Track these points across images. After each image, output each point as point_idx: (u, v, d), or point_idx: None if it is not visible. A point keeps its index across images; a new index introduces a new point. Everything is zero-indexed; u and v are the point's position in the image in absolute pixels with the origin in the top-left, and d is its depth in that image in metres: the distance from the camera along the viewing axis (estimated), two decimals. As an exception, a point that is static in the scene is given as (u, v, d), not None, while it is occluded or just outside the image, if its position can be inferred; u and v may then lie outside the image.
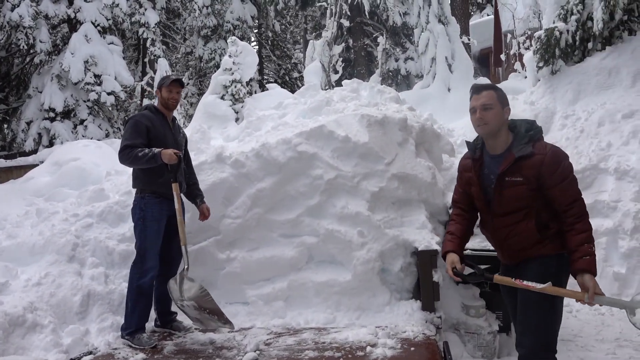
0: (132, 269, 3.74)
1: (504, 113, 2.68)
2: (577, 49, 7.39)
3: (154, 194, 3.78)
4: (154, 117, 3.87)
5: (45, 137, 12.99)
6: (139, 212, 3.76)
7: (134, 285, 3.67)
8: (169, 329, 3.94)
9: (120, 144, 3.78)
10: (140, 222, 3.75)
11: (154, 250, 3.72)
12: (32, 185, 6.47)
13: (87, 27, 13.26)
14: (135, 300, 3.65)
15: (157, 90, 4.04)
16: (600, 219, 5.53)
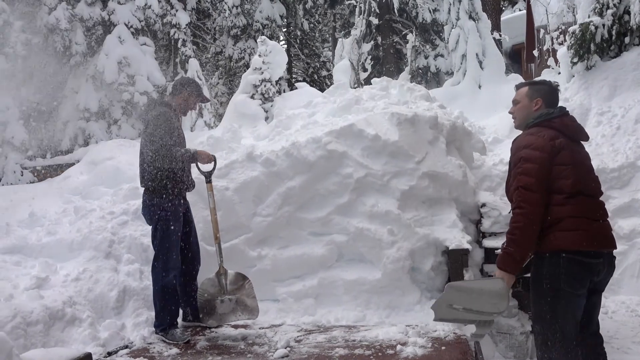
0: (154, 269, 3.77)
1: (533, 105, 2.71)
2: (613, 43, 7.19)
3: (172, 193, 3.78)
4: (173, 116, 3.87)
5: (81, 137, 13.30)
6: (162, 212, 3.75)
7: (159, 285, 3.73)
8: (199, 322, 4.00)
9: (153, 141, 3.68)
10: (163, 223, 3.75)
11: (176, 250, 3.78)
12: (69, 183, 6.64)
13: (121, 28, 13.52)
14: (162, 299, 3.73)
15: (183, 92, 3.94)
16: (638, 218, 5.39)
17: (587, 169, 2.63)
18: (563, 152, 2.51)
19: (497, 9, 13.90)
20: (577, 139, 2.68)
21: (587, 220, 2.45)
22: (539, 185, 2.45)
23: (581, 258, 2.42)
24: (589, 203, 2.51)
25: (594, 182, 2.61)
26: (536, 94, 2.74)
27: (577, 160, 2.55)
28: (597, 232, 2.46)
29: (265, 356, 3.28)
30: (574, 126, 2.67)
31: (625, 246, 5.36)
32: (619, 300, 5.12)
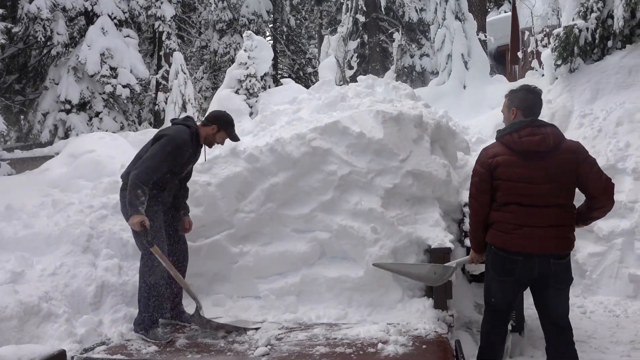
0: (141, 267, 3.68)
1: (511, 115, 3.05)
2: (596, 47, 7.29)
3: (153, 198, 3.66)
4: (191, 145, 3.72)
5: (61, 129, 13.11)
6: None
7: (145, 280, 3.63)
8: (179, 320, 3.95)
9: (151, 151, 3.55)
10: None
11: (162, 245, 3.66)
12: (47, 176, 6.53)
13: (104, 19, 13.35)
14: (147, 296, 3.62)
15: (215, 126, 3.83)
16: (617, 220, 5.47)
17: (532, 181, 2.84)
18: (499, 168, 2.90)
19: (483, 10, 13.99)
20: (529, 151, 2.86)
21: (512, 226, 2.87)
22: (478, 195, 3.01)
23: (502, 254, 2.94)
24: (521, 211, 2.85)
25: (539, 193, 2.83)
26: (512, 104, 3.06)
27: (512, 176, 2.86)
28: (520, 237, 2.85)
29: (245, 354, 3.24)
30: (521, 141, 2.87)
31: (604, 247, 5.45)
32: (597, 300, 5.20)
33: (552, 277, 2.88)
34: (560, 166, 2.84)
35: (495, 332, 3.15)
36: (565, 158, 2.86)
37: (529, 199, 2.83)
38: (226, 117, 3.94)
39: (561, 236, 2.86)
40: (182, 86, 13.71)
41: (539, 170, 2.83)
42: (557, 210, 2.85)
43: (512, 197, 2.86)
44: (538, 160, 2.84)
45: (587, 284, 5.44)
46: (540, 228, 2.82)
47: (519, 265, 2.88)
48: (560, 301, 2.97)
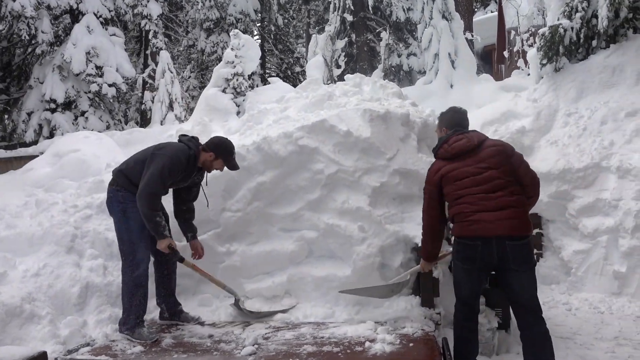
0: (123, 265, 3.65)
1: (441, 133, 3.55)
2: (581, 46, 7.34)
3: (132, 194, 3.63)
4: (188, 166, 3.70)
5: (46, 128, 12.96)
6: (118, 205, 3.65)
7: (128, 279, 3.60)
8: (177, 320, 3.92)
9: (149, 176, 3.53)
10: (121, 215, 3.63)
11: (143, 242, 3.64)
12: (31, 176, 6.46)
13: (89, 18, 13.21)
14: (131, 294, 3.59)
15: (213, 154, 3.79)
16: (602, 217, 5.52)
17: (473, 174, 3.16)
18: (444, 178, 3.25)
19: (470, 9, 14.07)
20: (460, 154, 3.25)
21: (468, 214, 3.11)
22: (429, 210, 3.36)
23: (463, 241, 3.15)
24: (472, 200, 3.12)
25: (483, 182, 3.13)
26: (442, 124, 3.57)
27: (456, 177, 3.21)
28: (475, 222, 3.07)
29: (232, 354, 3.23)
30: (451, 147, 3.29)
31: (589, 245, 5.49)
32: (582, 297, 5.24)
33: (511, 259, 3.03)
34: (491, 156, 3.19)
35: (467, 325, 3.27)
36: (493, 149, 3.23)
37: (477, 188, 3.12)
38: (225, 146, 3.86)
39: (514, 217, 3.05)
40: (169, 85, 13.62)
41: (475, 163, 3.19)
42: (504, 193, 3.11)
43: (463, 192, 3.16)
44: (471, 158, 3.22)
45: (572, 281, 5.48)
46: (493, 212, 3.05)
47: (479, 250, 3.06)
48: (522, 283, 3.08)
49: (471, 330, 3.29)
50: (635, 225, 5.19)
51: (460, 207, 3.15)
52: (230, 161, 3.86)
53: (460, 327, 3.29)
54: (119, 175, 3.75)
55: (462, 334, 3.28)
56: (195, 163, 3.78)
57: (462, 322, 3.28)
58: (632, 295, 5.07)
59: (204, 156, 3.80)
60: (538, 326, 3.07)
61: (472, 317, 3.30)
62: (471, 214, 3.08)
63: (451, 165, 3.25)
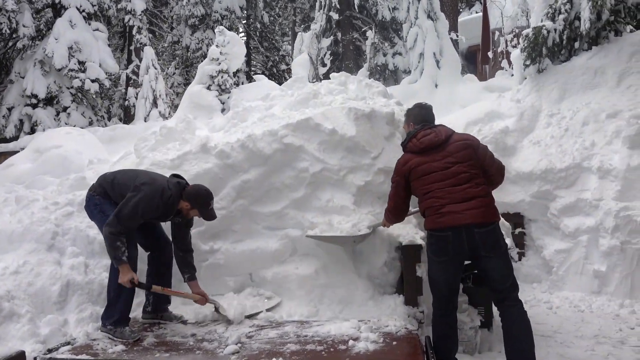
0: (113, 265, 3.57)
1: (409, 128, 3.66)
2: (564, 48, 7.42)
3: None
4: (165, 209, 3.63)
5: (27, 124, 12.77)
6: (95, 207, 3.65)
7: (116, 274, 3.53)
8: (159, 318, 3.88)
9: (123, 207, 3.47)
10: (101, 215, 3.59)
11: (131, 241, 3.60)
12: (12, 172, 6.36)
13: (72, 12, 13.04)
14: (118, 290, 3.54)
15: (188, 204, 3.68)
16: (582, 217, 5.59)
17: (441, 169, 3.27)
18: (412, 171, 3.35)
19: (455, 10, 14.16)
20: (429, 147, 3.34)
21: (437, 207, 3.22)
22: (393, 196, 3.54)
23: (435, 233, 3.25)
24: (441, 194, 3.22)
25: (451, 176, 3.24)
26: (409, 119, 3.68)
27: (424, 172, 3.31)
28: (445, 214, 3.18)
29: (215, 352, 3.21)
30: (420, 142, 3.37)
31: (570, 244, 5.56)
32: (563, 296, 5.31)
33: (481, 246, 3.14)
34: (457, 149, 3.30)
35: (446, 322, 3.32)
36: (459, 144, 3.33)
37: (444, 182, 3.23)
38: (201, 198, 3.74)
39: (480, 206, 3.17)
40: (153, 81, 13.50)
41: (443, 158, 3.29)
42: (469, 185, 3.22)
43: (431, 186, 3.27)
44: (439, 152, 3.32)
45: (553, 280, 5.55)
46: (461, 203, 3.17)
47: (449, 240, 3.16)
48: (494, 267, 3.20)
49: (450, 327, 3.33)
50: (615, 225, 5.27)
51: (430, 201, 3.26)
52: (205, 212, 3.73)
53: (439, 324, 3.34)
54: (102, 185, 3.73)
55: (441, 330, 3.33)
56: (174, 207, 3.69)
57: (439, 319, 3.33)
58: (611, 294, 5.15)
59: (181, 204, 3.72)
60: (513, 305, 3.19)
61: (449, 313, 3.34)
62: (440, 207, 3.20)
63: (419, 159, 3.35)
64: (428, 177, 3.29)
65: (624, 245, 5.18)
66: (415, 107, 3.73)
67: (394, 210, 3.60)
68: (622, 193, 5.47)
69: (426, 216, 3.33)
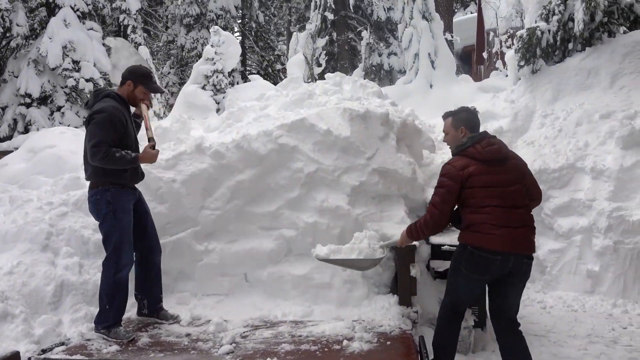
0: (106, 265, 3.55)
1: (459, 134, 3.32)
2: (557, 49, 7.47)
3: (118, 185, 3.57)
4: (123, 110, 3.58)
5: (21, 123, 12.71)
6: (107, 206, 3.52)
7: (110, 280, 3.52)
8: (155, 317, 3.87)
9: (89, 138, 3.40)
10: (111, 216, 3.53)
11: (129, 244, 3.60)
12: (5, 172, 6.33)
13: (66, 11, 12.98)
14: (111, 294, 3.52)
15: (130, 82, 3.65)
16: (576, 217, 5.63)
17: (503, 185, 3.07)
18: (472, 177, 3.07)
19: (450, 10, 14.19)
20: (492, 160, 3.13)
21: (491, 226, 2.99)
22: (441, 205, 3.13)
23: (479, 253, 3.02)
24: (499, 212, 3.01)
25: (509, 195, 3.05)
26: (460, 123, 3.34)
27: (486, 182, 3.07)
28: (499, 236, 2.98)
29: (209, 352, 3.21)
30: (485, 151, 3.14)
31: (564, 244, 5.60)
32: (557, 295, 5.34)
33: (520, 275, 3.08)
34: (516, 170, 3.16)
35: (454, 329, 3.25)
36: (516, 163, 3.20)
37: (504, 201, 3.03)
38: (140, 70, 3.72)
39: (531, 235, 3.09)
40: (147, 81, 13.44)
41: (504, 174, 3.10)
42: (525, 211, 3.10)
43: (489, 201, 3.03)
44: (500, 166, 3.12)
45: (547, 280, 5.58)
46: (518, 228, 3.01)
47: (496, 264, 3.00)
48: (518, 297, 3.18)
49: (455, 334, 3.26)
50: (608, 225, 5.30)
51: (484, 216, 3.02)
52: (150, 84, 3.67)
53: (446, 329, 3.25)
54: (96, 174, 3.56)
55: (446, 336, 3.25)
56: (125, 104, 3.63)
57: (449, 325, 3.24)
58: (604, 293, 5.18)
59: (122, 91, 3.63)
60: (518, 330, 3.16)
61: (459, 321, 3.28)
62: (497, 227, 2.98)
63: (480, 167, 3.10)
64: (489, 190, 3.05)
65: (617, 245, 5.22)
66: (464, 111, 3.42)
67: (438, 222, 3.18)
68: (615, 193, 5.51)
69: (472, 230, 3.07)
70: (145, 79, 3.69)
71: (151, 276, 3.87)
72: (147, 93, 3.73)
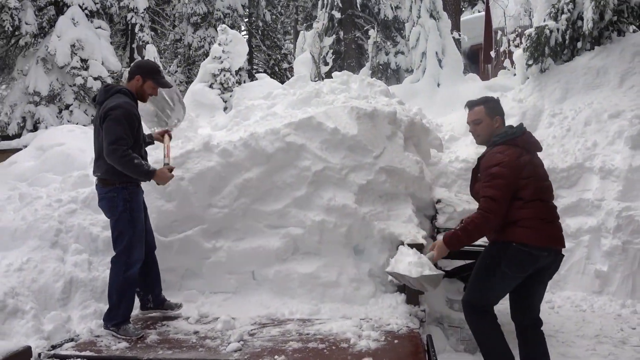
0: (116, 263, 3.56)
1: (494, 123, 3.17)
2: (566, 48, 7.42)
3: (134, 184, 3.61)
4: (135, 107, 3.60)
5: (30, 121, 12.80)
6: (124, 204, 3.52)
7: (120, 278, 3.53)
8: (161, 308, 3.90)
9: (109, 135, 3.38)
10: (128, 214, 3.53)
11: (140, 242, 3.62)
12: (15, 169, 6.37)
13: (74, 10, 13.05)
14: (122, 292, 3.54)
15: (139, 76, 3.64)
16: (584, 217, 5.60)
17: (543, 178, 3.04)
18: (527, 167, 2.95)
19: (457, 9, 14.13)
20: (535, 151, 3.11)
21: (539, 221, 2.89)
22: (502, 198, 2.89)
23: (528, 249, 2.88)
24: (543, 207, 2.94)
25: (548, 189, 3.04)
26: (494, 112, 3.20)
27: (536, 173, 2.99)
28: (546, 231, 2.91)
29: (217, 350, 3.22)
30: (531, 142, 3.09)
31: (572, 244, 5.56)
32: (565, 295, 5.32)
33: (552, 271, 3.03)
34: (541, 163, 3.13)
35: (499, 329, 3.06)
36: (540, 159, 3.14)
37: (546, 194, 2.99)
38: (148, 64, 3.73)
39: (562, 230, 3.05)
40: (155, 79, 13.49)
41: (542, 167, 3.08)
42: (554, 206, 3.07)
43: (537, 194, 2.93)
44: (539, 160, 3.10)
45: (555, 280, 5.54)
46: (557, 223, 2.99)
47: (541, 260, 2.89)
48: (543, 294, 3.13)
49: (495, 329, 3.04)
50: (617, 225, 5.27)
51: (536, 211, 2.89)
52: (159, 79, 3.67)
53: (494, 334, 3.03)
54: (113, 171, 3.51)
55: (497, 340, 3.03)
56: (135, 100, 3.63)
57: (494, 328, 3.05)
58: (613, 294, 5.15)
59: (131, 86, 3.62)
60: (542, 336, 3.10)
61: (489, 316, 3.07)
62: (545, 222, 2.89)
63: (530, 158, 2.98)
64: (541, 183, 2.95)
65: (625, 246, 5.19)
66: (494, 100, 3.28)
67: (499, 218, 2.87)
68: (624, 193, 5.48)
69: (519, 226, 2.88)
70: (154, 74, 3.69)
71: (153, 272, 3.91)
72: (156, 88, 3.74)
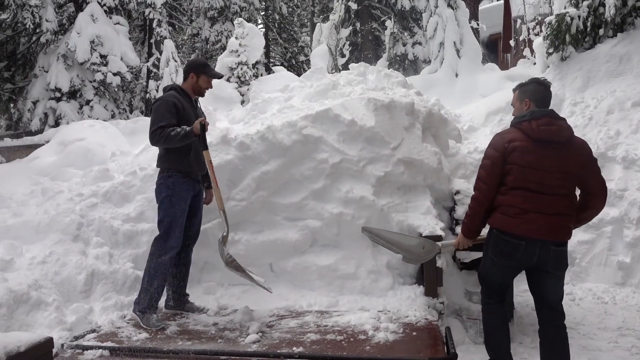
0: (154, 245, 3.72)
1: (524, 106, 3.11)
2: (587, 35, 7.28)
3: (180, 173, 3.77)
4: (181, 99, 3.81)
5: (51, 117, 12.99)
6: (166, 190, 3.73)
7: (153, 261, 3.66)
8: (181, 309, 3.95)
9: (150, 125, 3.67)
10: (167, 200, 3.72)
11: (179, 229, 3.73)
12: (37, 164, 6.47)
13: (93, 6, 13.17)
14: (153, 275, 3.65)
15: (193, 74, 3.90)
16: (606, 208, 5.43)
17: (544, 169, 2.90)
18: (514, 153, 2.93)
19: (476, -2, 13.92)
20: (544, 140, 2.92)
21: (518, 210, 2.90)
22: (487, 178, 2.99)
23: (505, 237, 2.96)
24: (530, 197, 2.89)
25: (550, 181, 2.89)
26: (524, 96, 3.14)
27: (529, 163, 2.90)
28: (525, 221, 2.89)
29: (236, 341, 3.25)
30: (540, 129, 2.92)
31: (594, 235, 5.48)
32: (586, 287, 5.24)
33: (551, 263, 2.95)
34: (570, 159, 2.93)
35: (494, 311, 3.15)
36: (574, 152, 2.96)
37: (537, 185, 2.90)
38: (198, 61, 4.05)
39: (564, 224, 2.94)
40: (173, 74, 13.60)
41: (550, 159, 2.91)
42: (561, 199, 2.92)
43: (522, 183, 2.91)
44: (551, 150, 2.92)
45: (576, 271, 5.48)
46: (546, 215, 2.88)
47: (520, 249, 2.92)
48: (557, 287, 3.04)
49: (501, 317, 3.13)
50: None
51: (513, 199, 2.92)
52: (210, 71, 3.97)
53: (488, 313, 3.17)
54: (162, 160, 3.84)
55: (490, 321, 3.16)
56: (186, 95, 3.89)
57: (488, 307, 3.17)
58: (636, 285, 5.07)
59: (187, 85, 3.92)
60: (561, 330, 3.03)
61: (499, 303, 3.14)
62: (523, 212, 2.89)
63: (528, 145, 2.92)
64: (528, 171, 2.90)
65: (649, 236, 5.09)
66: (532, 83, 3.16)
67: (485, 202, 3.01)
68: (647, 183, 5.37)
69: (499, 213, 2.98)
70: (204, 68, 3.98)
71: (183, 269, 3.97)
72: (210, 80, 3.98)
